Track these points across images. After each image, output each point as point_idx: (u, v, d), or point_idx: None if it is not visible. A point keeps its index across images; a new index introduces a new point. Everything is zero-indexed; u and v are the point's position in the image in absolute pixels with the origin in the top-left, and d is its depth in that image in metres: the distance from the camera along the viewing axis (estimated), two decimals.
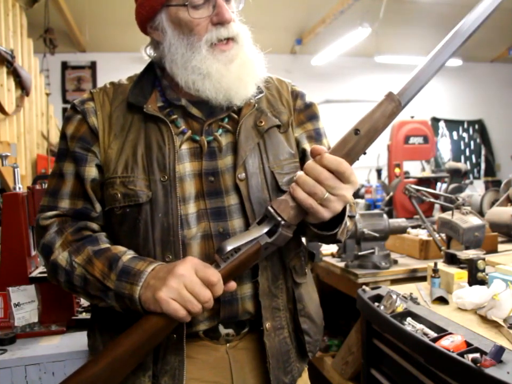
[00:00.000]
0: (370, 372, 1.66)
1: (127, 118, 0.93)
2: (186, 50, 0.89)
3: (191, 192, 0.90)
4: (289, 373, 0.96)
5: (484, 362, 1.06)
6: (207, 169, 0.92)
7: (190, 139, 0.93)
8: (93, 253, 0.86)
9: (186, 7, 0.87)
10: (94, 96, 0.96)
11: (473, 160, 7.79)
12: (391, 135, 3.85)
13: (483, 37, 6.55)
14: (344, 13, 5.05)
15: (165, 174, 0.89)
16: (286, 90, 1.04)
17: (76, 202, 0.93)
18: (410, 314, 1.47)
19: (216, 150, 0.93)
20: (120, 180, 0.90)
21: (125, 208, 0.89)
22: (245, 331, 0.95)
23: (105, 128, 0.93)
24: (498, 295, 1.33)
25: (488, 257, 1.89)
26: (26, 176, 3.12)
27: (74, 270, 0.87)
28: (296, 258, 1.00)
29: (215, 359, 0.93)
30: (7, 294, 1.10)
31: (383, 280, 2.14)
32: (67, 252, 0.89)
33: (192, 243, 0.89)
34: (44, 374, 0.99)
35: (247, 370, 0.95)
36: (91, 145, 0.92)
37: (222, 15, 0.87)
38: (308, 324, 1.00)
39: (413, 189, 2.41)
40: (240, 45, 0.91)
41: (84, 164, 0.92)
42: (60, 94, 6.12)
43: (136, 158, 0.90)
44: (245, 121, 0.95)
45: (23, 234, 1.16)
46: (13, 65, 2.62)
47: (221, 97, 0.90)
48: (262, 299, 0.91)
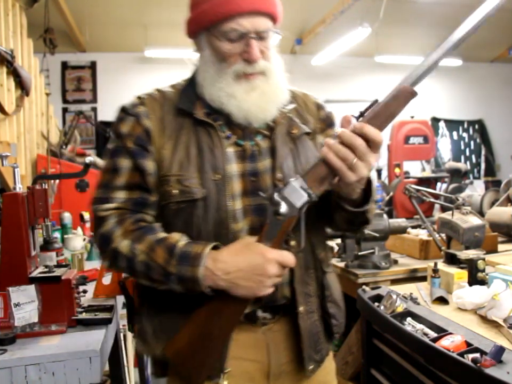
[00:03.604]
0: (370, 371, 1.66)
1: (177, 122, 1.03)
2: (216, 73, 1.01)
3: (237, 190, 1.01)
4: (319, 351, 1.08)
5: (484, 362, 1.06)
6: (249, 170, 1.02)
7: (235, 143, 1.03)
8: (155, 242, 0.95)
9: (223, 38, 0.98)
10: (144, 101, 1.06)
11: (473, 160, 7.79)
12: (391, 135, 3.85)
13: (483, 37, 6.54)
14: (344, 13, 5.05)
15: (217, 174, 0.99)
16: (310, 102, 1.16)
17: (133, 192, 1.01)
18: (410, 314, 1.47)
19: (256, 154, 1.04)
20: (175, 178, 0.99)
21: (180, 203, 0.98)
22: (279, 315, 1.06)
23: (158, 130, 1.02)
24: (498, 295, 1.33)
25: (488, 257, 1.89)
26: (26, 176, 3.12)
27: (136, 257, 0.95)
28: (324, 250, 1.11)
29: (253, 340, 1.05)
30: (7, 294, 1.10)
31: (383, 280, 2.14)
32: (128, 241, 0.96)
33: (240, 235, 0.99)
34: (44, 374, 0.99)
35: (281, 349, 1.06)
36: (147, 144, 1.01)
37: (250, 54, 0.97)
38: (334, 308, 1.12)
39: (413, 189, 2.41)
40: (267, 77, 1.02)
41: (143, 158, 1.00)
42: (60, 94, 6.12)
43: (190, 158, 1.00)
44: (280, 127, 1.06)
45: (23, 234, 1.16)
46: (13, 65, 2.62)
47: (241, 116, 1.00)
48: (296, 285, 1.03)
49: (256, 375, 1.05)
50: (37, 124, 3.65)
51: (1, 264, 1.16)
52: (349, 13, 4.98)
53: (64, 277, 1.17)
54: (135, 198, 1.01)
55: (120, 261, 0.97)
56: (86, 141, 6.06)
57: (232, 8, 0.95)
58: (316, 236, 1.07)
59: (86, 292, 1.36)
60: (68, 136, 4.37)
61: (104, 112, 6.16)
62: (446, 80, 7.34)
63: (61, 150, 3.77)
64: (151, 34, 5.48)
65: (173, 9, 4.98)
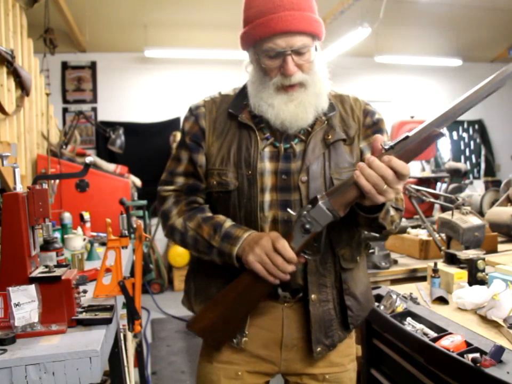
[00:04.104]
0: (370, 372, 1.66)
1: (226, 123, 1.22)
2: (259, 85, 1.16)
3: (267, 185, 1.17)
4: (330, 337, 1.21)
5: (484, 362, 1.06)
6: (282, 169, 1.17)
7: (271, 144, 1.19)
8: (202, 220, 1.18)
9: (264, 55, 1.12)
10: (205, 103, 1.25)
11: (473, 160, 7.78)
12: (391, 135, 3.85)
13: (483, 37, 6.55)
14: (344, 13, 5.04)
15: (250, 170, 1.16)
16: (358, 108, 1.24)
17: (189, 179, 1.25)
18: (410, 314, 1.48)
19: (291, 155, 1.18)
20: (217, 171, 1.20)
21: (219, 193, 1.20)
22: (299, 296, 1.20)
23: (211, 130, 1.22)
24: (498, 295, 1.33)
25: (488, 257, 1.89)
26: (26, 176, 3.12)
27: (188, 232, 1.19)
28: (346, 248, 1.21)
29: (273, 314, 1.22)
30: (7, 294, 1.10)
31: (383, 280, 2.14)
32: (182, 219, 1.21)
33: (264, 225, 1.17)
34: (44, 374, 0.99)
35: (294, 327, 1.22)
36: (201, 140, 1.22)
37: (286, 69, 1.10)
38: (351, 301, 1.22)
39: (413, 189, 2.41)
40: (305, 88, 1.14)
41: (197, 152, 1.22)
42: (60, 94, 6.11)
43: (230, 155, 1.19)
44: (315, 134, 1.18)
45: (23, 234, 1.16)
46: (13, 65, 2.62)
47: (278, 123, 1.15)
48: (309, 276, 1.17)
49: (270, 343, 1.23)
50: (37, 124, 3.65)
51: (1, 264, 1.16)
52: (349, 13, 4.97)
53: (64, 277, 1.17)
54: (190, 184, 1.24)
55: (175, 235, 1.22)
56: (86, 141, 6.05)
57: (268, 30, 1.08)
58: (338, 235, 1.18)
59: (86, 292, 1.36)
60: (68, 136, 4.36)
61: (104, 112, 6.15)
62: (446, 80, 7.33)
63: (61, 150, 3.77)
64: (151, 34, 5.48)
65: (173, 9, 4.98)
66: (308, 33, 1.11)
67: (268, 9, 1.09)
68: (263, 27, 1.09)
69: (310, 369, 1.25)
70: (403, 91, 7.07)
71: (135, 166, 5.29)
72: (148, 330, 4.17)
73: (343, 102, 1.24)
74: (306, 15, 1.10)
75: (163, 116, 6.11)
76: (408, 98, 7.05)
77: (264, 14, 1.09)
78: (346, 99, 1.25)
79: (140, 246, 1.45)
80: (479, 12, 5.42)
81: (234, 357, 1.25)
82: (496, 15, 5.67)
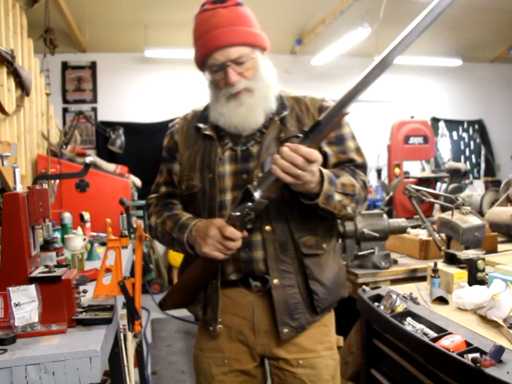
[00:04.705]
0: (370, 372, 1.66)
1: (195, 135, 1.40)
2: (214, 98, 1.33)
3: (228, 186, 1.33)
4: (296, 319, 1.32)
5: (484, 362, 1.06)
6: (242, 169, 1.32)
7: (230, 149, 1.35)
8: (167, 217, 1.38)
9: (210, 70, 1.29)
10: (179, 121, 1.46)
11: (473, 160, 7.77)
12: (391, 135, 3.85)
13: (483, 37, 6.54)
14: (344, 13, 5.04)
15: (211, 173, 1.33)
16: (313, 106, 1.36)
17: (168, 187, 1.46)
18: (410, 314, 1.48)
19: (248, 156, 1.33)
20: (186, 177, 1.39)
21: (188, 195, 1.39)
22: (269, 285, 1.31)
23: (183, 142, 1.42)
24: (498, 295, 1.33)
25: (488, 257, 1.89)
26: (26, 176, 3.12)
27: (158, 228, 1.40)
28: (309, 236, 1.33)
29: (246, 301, 1.37)
30: (7, 294, 1.10)
31: (383, 280, 2.14)
32: (155, 217, 1.42)
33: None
34: (44, 374, 0.99)
35: (264, 313, 1.35)
36: (175, 152, 1.42)
37: (227, 79, 1.25)
38: (316, 286, 1.33)
39: (412, 189, 2.41)
40: (252, 93, 1.28)
41: (172, 163, 1.43)
42: (60, 94, 6.11)
43: (196, 162, 1.37)
44: (268, 134, 1.32)
45: (23, 234, 1.16)
46: (13, 65, 2.62)
47: (232, 128, 1.31)
48: (269, 262, 1.30)
49: (245, 330, 1.37)
50: (37, 124, 3.65)
51: (1, 264, 1.16)
52: (349, 13, 4.97)
53: (64, 277, 1.17)
54: (169, 191, 1.45)
55: (152, 232, 1.43)
56: (86, 141, 6.05)
57: (207, 48, 1.25)
58: (297, 223, 1.31)
59: (86, 292, 1.36)
60: (68, 136, 4.36)
61: (104, 112, 6.15)
62: (446, 80, 7.33)
63: (61, 150, 3.77)
64: (151, 34, 5.48)
65: (173, 9, 4.98)
66: (243, 44, 1.24)
67: (205, 31, 1.25)
68: (202, 47, 1.26)
69: (284, 354, 1.36)
70: (403, 91, 7.07)
71: (135, 166, 5.29)
72: (148, 330, 4.17)
73: (299, 102, 1.36)
74: (238, 29, 1.24)
75: (163, 116, 6.11)
76: (408, 98, 7.04)
77: (203, 35, 1.25)
78: (302, 99, 1.37)
79: (140, 246, 1.45)
80: (479, 12, 5.42)
81: (220, 344, 1.40)
82: (496, 15, 5.67)
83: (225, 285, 1.36)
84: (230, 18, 1.24)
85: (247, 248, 1.30)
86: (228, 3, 1.26)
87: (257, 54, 1.28)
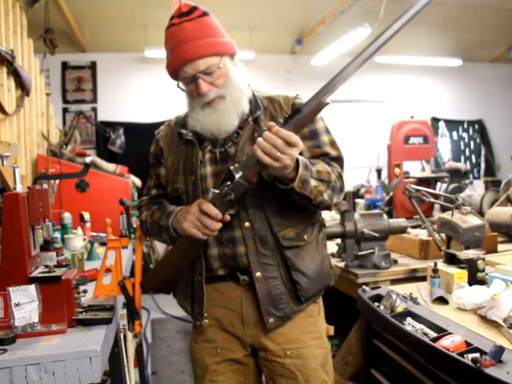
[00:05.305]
0: (370, 372, 1.66)
1: (178, 141, 1.47)
2: (190, 106, 1.41)
3: (210, 186, 1.37)
4: (281, 309, 1.39)
5: (484, 362, 1.06)
6: (222, 169, 1.35)
7: (210, 151, 1.42)
8: (156, 208, 1.47)
9: (184, 82, 1.37)
10: (164, 128, 1.54)
11: (473, 160, 7.78)
12: (391, 135, 3.84)
13: (483, 37, 6.54)
14: (344, 13, 5.04)
15: (193, 176, 1.40)
16: (286, 104, 1.41)
17: (158, 189, 1.54)
18: (410, 314, 1.48)
19: (226, 157, 1.39)
20: (171, 181, 1.47)
21: (173, 198, 1.47)
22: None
23: (167, 148, 1.50)
24: (498, 295, 1.33)
25: (488, 257, 1.89)
26: (26, 176, 3.12)
27: (147, 220, 1.47)
28: (289, 229, 1.39)
29: (234, 294, 1.43)
30: (7, 294, 1.10)
31: (383, 280, 2.14)
32: (145, 212, 1.50)
33: None
34: (44, 374, 0.99)
35: (250, 304, 1.41)
36: (160, 158, 1.51)
37: (199, 90, 1.33)
38: (299, 276, 1.39)
39: (413, 189, 2.41)
40: (225, 99, 1.34)
41: (158, 167, 1.52)
42: (60, 94, 6.12)
43: (179, 166, 1.44)
44: (244, 134, 1.38)
45: (23, 234, 1.16)
46: (13, 65, 2.61)
47: (208, 134, 1.37)
48: (250, 257, 1.37)
49: (234, 321, 1.43)
50: (37, 124, 3.65)
51: (1, 264, 1.16)
52: (349, 13, 4.97)
53: (64, 277, 1.17)
54: (158, 193, 1.54)
55: (143, 226, 1.49)
56: (86, 141, 6.06)
57: (176, 63, 1.32)
58: (276, 217, 1.37)
59: (86, 292, 1.36)
60: (68, 136, 4.36)
61: (104, 112, 6.16)
62: (446, 80, 7.33)
63: (61, 150, 3.77)
64: (151, 34, 5.48)
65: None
66: (210, 55, 1.30)
67: (173, 46, 1.32)
68: (172, 62, 1.34)
69: (272, 345, 1.42)
70: (403, 91, 7.07)
71: (135, 166, 5.28)
72: (148, 330, 4.17)
73: (273, 101, 1.42)
74: (203, 42, 1.30)
75: (163, 116, 6.10)
76: (408, 98, 7.05)
77: (172, 50, 1.32)
78: (275, 98, 1.43)
79: (139, 246, 1.46)
80: (479, 12, 5.42)
81: (212, 335, 1.46)
82: (496, 15, 5.67)
83: (215, 279, 1.43)
84: (195, 32, 1.30)
85: (231, 244, 1.37)
86: (193, 15, 1.32)
87: (225, 61, 1.34)
